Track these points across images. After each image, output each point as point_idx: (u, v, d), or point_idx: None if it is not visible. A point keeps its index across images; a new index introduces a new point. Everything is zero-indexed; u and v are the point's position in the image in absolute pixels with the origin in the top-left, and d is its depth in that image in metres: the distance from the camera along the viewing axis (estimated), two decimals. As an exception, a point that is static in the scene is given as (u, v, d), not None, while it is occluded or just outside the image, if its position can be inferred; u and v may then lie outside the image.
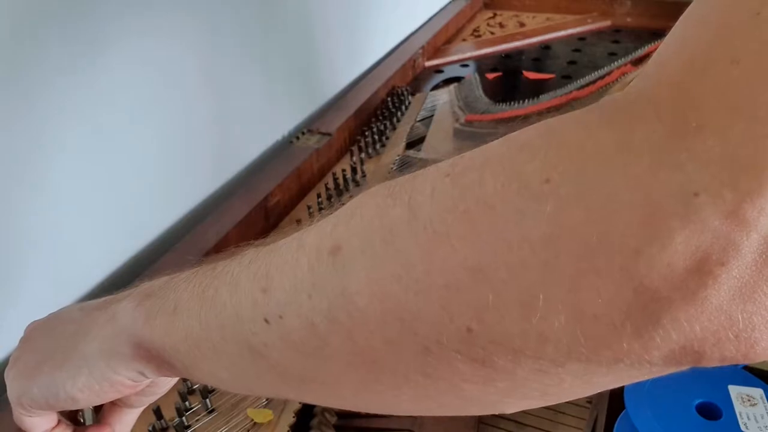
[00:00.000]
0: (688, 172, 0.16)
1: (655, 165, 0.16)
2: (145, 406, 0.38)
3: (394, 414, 0.25)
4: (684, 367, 0.18)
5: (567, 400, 0.21)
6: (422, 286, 0.19)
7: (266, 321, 0.24)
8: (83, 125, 0.59)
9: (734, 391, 0.45)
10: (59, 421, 0.35)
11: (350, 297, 0.21)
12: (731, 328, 0.16)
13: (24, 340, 0.35)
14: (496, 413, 0.23)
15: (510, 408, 0.22)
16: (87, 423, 0.36)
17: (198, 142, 0.75)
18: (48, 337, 0.34)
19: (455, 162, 0.21)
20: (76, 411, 0.36)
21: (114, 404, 0.36)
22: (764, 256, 0.15)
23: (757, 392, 0.45)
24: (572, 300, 0.17)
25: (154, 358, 0.29)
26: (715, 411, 0.44)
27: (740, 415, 0.43)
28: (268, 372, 0.25)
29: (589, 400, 0.55)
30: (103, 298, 0.34)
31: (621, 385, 0.20)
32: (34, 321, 0.36)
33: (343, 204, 0.24)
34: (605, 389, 0.20)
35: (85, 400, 0.32)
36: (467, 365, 0.20)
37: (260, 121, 0.87)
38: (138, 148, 0.66)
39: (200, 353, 0.27)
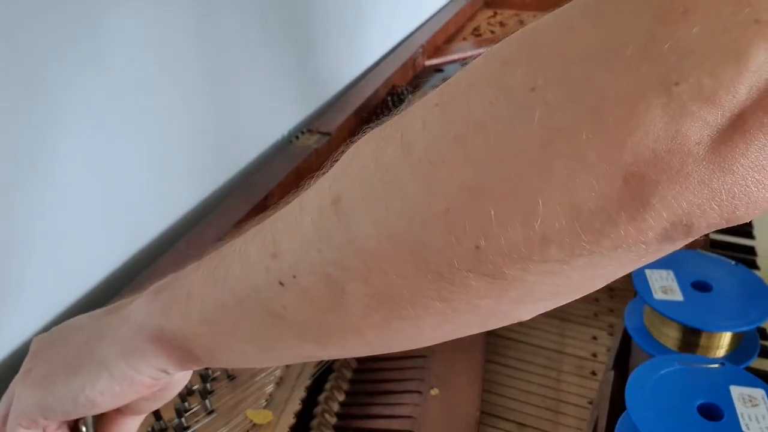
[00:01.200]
0: (670, 63, 0.16)
1: (638, 57, 0.17)
2: (149, 412, 0.37)
3: (419, 346, 0.26)
4: (677, 243, 0.19)
5: (578, 297, 0.22)
6: (426, 216, 0.20)
7: (281, 284, 0.24)
8: (83, 126, 0.58)
9: (736, 391, 0.45)
10: None
11: (358, 242, 0.22)
12: (714, 198, 0.17)
13: (34, 353, 0.34)
14: (514, 322, 0.24)
15: (525, 314, 0.23)
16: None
17: (197, 142, 0.75)
18: (60, 346, 0.34)
19: (442, 91, 0.21)
20: (77, 422, 0.35)
21: (119, 412, 0.36)
22: (739, 131, 0.16)
23: (759, 393, 0.45)
24: (569, 199, 0.18)
25: (176, 350, 0.30)
26: (717, 412, 0.44)
27: (742, 416, 0.43)
28: (292, 334, 0.26)
29: (590, 400, 0.55)
30: (112, 305, 0.34)
31: (624, 273, 0.21)
32: (39, 335, 0.35)
33: (336, 161, 0.24)
34: (610, 280, 0.21)
35: (105, 403, 0.31)
36: (480, 281, 0.20)
37: (260, 120, 0.87)
38: (138, 147, 0.66)
39: (221, 332, 0.28)
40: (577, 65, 0.18)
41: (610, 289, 0.68)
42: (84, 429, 0.35)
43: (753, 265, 0.72)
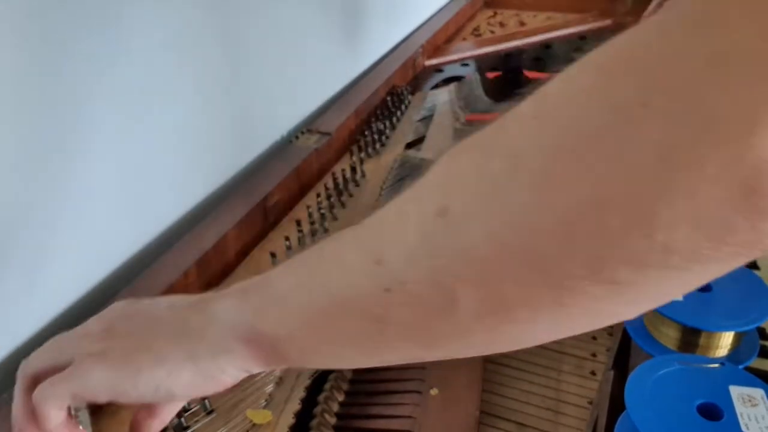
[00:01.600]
0: None
1: (751, 77, 0.17)
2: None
3: (525, 347, 0.26)
4: None
5: (680, 297, 0.23)
6: (544, 228, 0.21)
7: (388, 290, 0.25)
8: (82, 129, 0.59)
9: (735, 391, 0.45)
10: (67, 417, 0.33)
11: (470, 252, 0.22)
12: None
13: (107, 330, 0.33)
14: (620, 321, 0.25)
15: (631, 314, 0.23)
16: (84, 427, 0.35)
17: (197, 142, 0.75)
18: (140, 332, 0.33)
19: (538, 103, 0.22)
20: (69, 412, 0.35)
21: (150, 415, 0.35)
22: None
23: (758, 393, 0.45)
24: (691, 210, 0.19)
25: (266, 350, 0.30)
26: (716, 411, 0.44)
27: (741, 415, 0.43)
28: (396, 338, 0.26)
29: (590, 400, 0.55)
30: (192, 297, 0.34)
31: (729, 270, 0.22)
32: (116, 303, 0.35)
33: (424, 172, 0.25)
34: (716, 278, 0.22)
35: (182, 396, 0.32)
36: (598, 287, 0.21)
37: (260, 120, 0.87)
38: (137, 148, 0.66)
39: (320, 336, 0.28)
40: (690, 82, 0.18)
41: (610, 289, 0.68)
42: (75, 415, 0.34)
43: (753, 265, 0.72)
